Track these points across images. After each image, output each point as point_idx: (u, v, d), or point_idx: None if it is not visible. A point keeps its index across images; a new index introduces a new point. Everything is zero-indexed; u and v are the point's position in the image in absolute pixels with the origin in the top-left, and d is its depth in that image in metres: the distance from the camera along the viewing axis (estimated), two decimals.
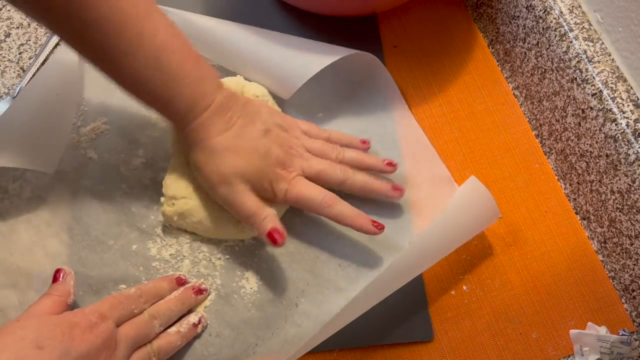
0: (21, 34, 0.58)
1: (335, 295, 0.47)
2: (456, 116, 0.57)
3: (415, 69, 0.60)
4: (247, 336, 0.46)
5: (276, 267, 0.48)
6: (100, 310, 0.40)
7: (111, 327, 0.39)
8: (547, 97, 0.54)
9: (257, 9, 0.61)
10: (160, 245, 0.49)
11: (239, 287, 0.47)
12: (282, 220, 0.46)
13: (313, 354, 0.46)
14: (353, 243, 0.50)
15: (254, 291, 0.47)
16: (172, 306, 0.44)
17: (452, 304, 0.49)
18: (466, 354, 0.47)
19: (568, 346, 0.48)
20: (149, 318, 0.42)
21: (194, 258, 0.48)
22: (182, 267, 0.48)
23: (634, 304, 0.48)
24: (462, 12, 0.64)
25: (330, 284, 0.48)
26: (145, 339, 0.42)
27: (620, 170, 0.47)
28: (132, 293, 0.43)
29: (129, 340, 0.40)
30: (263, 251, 0.49)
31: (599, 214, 0.51)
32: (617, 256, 0.49)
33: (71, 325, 0.37)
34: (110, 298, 0.42)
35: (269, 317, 0.46)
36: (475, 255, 0.51)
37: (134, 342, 0.41)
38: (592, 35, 0.50)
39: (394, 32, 0.61)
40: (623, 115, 0.46)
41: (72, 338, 0.37)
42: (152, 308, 0.43)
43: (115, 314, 0.40)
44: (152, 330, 0.42)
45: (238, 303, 0.47)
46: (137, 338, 0.41)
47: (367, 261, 0.49)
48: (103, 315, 0.39)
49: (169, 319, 0.44)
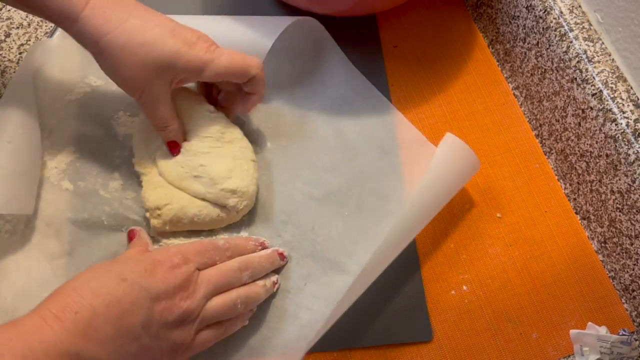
0: (21, 34, 0.58)
1: (339, 274, 0.48)
2: (456, 116, 0.57)
3: (415, 69, 0.60)
4: (261, 330, 0.46)
5: None
6: (185, 253, 0.40)
7: (191, 270, 0.40)
8: (547, 97, 0.54)
9: (257, 9, 0.61)
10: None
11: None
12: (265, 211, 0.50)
13: (313, 353, 0.46)
14: (344, 219, 0.51)
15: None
16: (264, 262, 0.45)
17: (452, 304, 0.49)
18: (466, 354, 0.47)
19: (568, 346, 0.48)
20: (238, 267, 0.43)
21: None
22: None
23: (634, 304, 0.48)
24: (462, 12, 0.64)
25: (332, 264, 0.49)
26: (229, 286, 0.42)
27: (620, 170, 0.47)
28: (220, 244, 0.43)
29: (211, 284, 0.41)
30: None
31: (599, 214, 0.51)
32: (617, 256, 0.49)
33: (154, 263, 0.39)
34: (197, 244, 0.42)
35: (280, 308, 0.47)
36: (475, 255, 0.51)
37: (216, 287, 0.41)
38: (592, 35, 0.50)
39: (394, 32, 0.61)
40: (623, 115, 0.46)
41: (153, 275, 0.38)
42: (242, 259, 0.44)
43: (199, 259, 0.41)
44: (239, 280, 0.43)
45: None
46: (220, 284, 0.41)
47: (362, 234, 0.50)
48: (186, 258, 0.40)
49: (258, 273, 0.45)
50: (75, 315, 0.34)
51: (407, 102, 0.57)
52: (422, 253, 0.50)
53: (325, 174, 0.53)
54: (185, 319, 0.39)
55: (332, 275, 0.48)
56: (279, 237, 0.50)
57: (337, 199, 0.52)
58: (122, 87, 0.44)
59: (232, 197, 0.47)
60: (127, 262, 0.38)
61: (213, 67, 0.44)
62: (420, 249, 0.50)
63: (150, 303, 0.37)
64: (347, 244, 0.50)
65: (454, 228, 0.52)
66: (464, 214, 0.52)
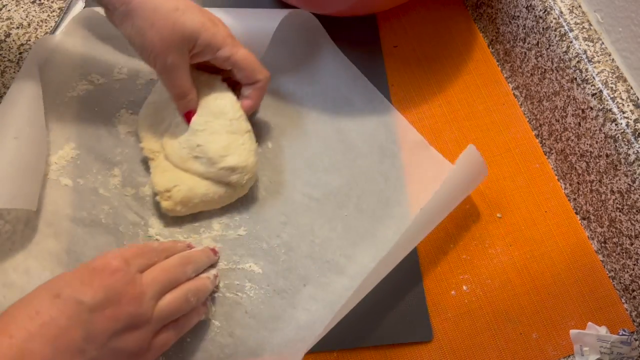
0: (21, 34, 0.58)
1: (337, 275, 0.48)
2: (456, 116, 0.57)
3: (415, 69, 0.60)
4: (259, 331, 0.46)
5: (275, 259, 0.49)
6: (124, 255, 0.39)
7: (132, 272, 0.38)
8: (547, 97, 0.54)
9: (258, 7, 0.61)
10: None
11: (242, 285, 0.48)
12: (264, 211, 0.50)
13: (313, 354, 0.46)
14: (343, 220, 0.51)
15: (258, 287, 0.48)
16: (202, 256, 0.45)
17: (452, 304, 0.49)
18: (466, 354, 0.47)
19: (568, 346, 0.48)
20: (180, 262, 0.42)
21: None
22: None
23: (634, 304, 0.48)
24: (462, 12, 0.64)
25: (330, 265, 0.49)
26: (175, 282, 0.41)
27: (620, 170, 0.47)
28: (155, 246, 0.43)
29: (158, 283, 0.39)
30: (258, 246, 0.49)
31: (599, 214, 0.51)
32: (617, 256, 0.49)
33: (91, 272, 0.37)
34: (135, 246, 0.41)
35: (278, 309, 0.47)
36: (475, 255, 0.51)
37: (163, 286, 0.40)
38: (592, 35, 0.50)
39: (394, 32, 0.61)
40: (623, 115, 0.46)
41: (90, 284, 0.36)
42: (182, 255, 0.43)
43: (138, 261, 0.40)
44: (184, 274, 0.42)
45: (244, 301, 0.47)
46: (166, 281, 0.40)
47: (361, 235, 0.50)
48: (125, 260, 0.38)
49: (200, 267, 0.44)
50: (10, 339, 0.33)
51: (407, 102, 0.57)
52: (422, 253, 0.50)
53: (325, 175, 0.53)
54: (136, 323, 0.37)
55: (331, 277, 0.48)
56: (277, 238, 0.49)
57: (336, 200, 0.52)
58: (145, 52, 0.44)
59: (233, 174, 0.47)
60: (64, 276, 0.37)
61: (229, 50, 0.46)
62: (420, 249, 0.50)
63: (89, 315, 0.35)
64: (346, 246, 0.50)
65: (454, 228, 0.52)
66: (464, 214, 0.52)
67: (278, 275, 0.48)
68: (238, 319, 0.46)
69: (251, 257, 0.49)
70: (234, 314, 0.46)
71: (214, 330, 0.46)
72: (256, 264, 0.48)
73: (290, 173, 0.53)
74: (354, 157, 0.54)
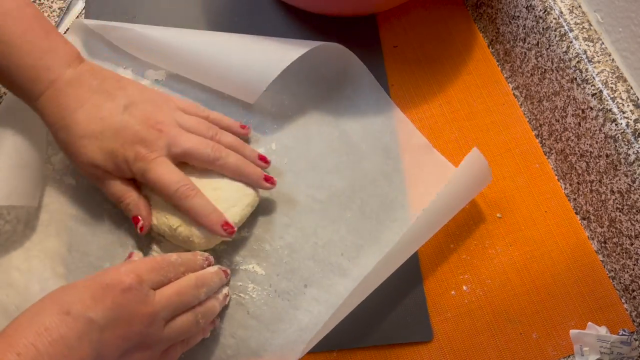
0: None
1: (340, 277, 0.48)
2: (456, 116, 0.57)
3: (415, 69, 0.60)
4: (261, 332, 0.46)
5: (278, 261, 0.49)
6: (137, 271, 0.37)
7: (145, 291, 0.37)
8: (547, 97, 0.54)
9: (256, 9, 0.61)
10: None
11: (244, 286, 0.48)
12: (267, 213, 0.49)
13: (313, 354, 0.46)
14: (347, 222, 0.50)
15: (260, 288, 0.48)
16: (215, 279, 0.43)
17: (452, 304, 0.49)
18: (466, 354, 0.47)
19: (568, 346, 0.48)
20: (195, 284, 0.41)
21: None
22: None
23: (634, 304, 0.48)
24: (462, 12, 0.64)
25: (333, 267, 0.49)
26: (187, 305, 0.40)
27: (620, 170, 0.47)
28: (173, 260, 0.41)
29: (171, 305, 0.38)
30: (261, 247, 0.49)
31: (599, 214, 0.51)
32: (617, 256, 0.49)
33: (103, 288, 0.36)
34: (150, 260, 0.39)
35: (280, 310, 0.47)
36: (475, 255, 0.51)
37: (175, 308, 0.39)
38: (592, 35, 0.50)
39: (394, 32, 0.61)
40: (623, 115, 0.46)
41: (102, 301, 0.35)
42: (198, 275, 0.42)
43: (153, 277, 0.38)
44: (197, 298, 0.41)
45: (247, 302, 0.47)
46: (179, 304, 0.39)
47: (364, 238, 0.50)
48: (139, 277, 0.37)
49: (212, 289, 0.43)
50: (18, 357, 0.31)
51: (407, 102, 0.57)
52: (422, 253, 0.50)
53: (329, 176, 0.52)
54: (147, 343, 0.37)
55: (333, 279, 0.48)
56: (280, 239, 0.49)
57: (340, 202, 0.51)
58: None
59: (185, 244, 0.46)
60: (74, 290, 0.35)
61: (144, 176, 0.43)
62: (421, 249, 0.50)
63: (99, 334, 0.34)
64: (350, 248, 0.49)
65: (454, 228, 0.52)
66: (464, 214, 0.52)
67: (281, 277, 0.48)
68: (240, 320, 0.46)
69: (254, 258, 0.49)
70: (236, 314, 0.46)
71: (217, 330, 0.46)
72: (259, 265, 0.48)
73: (294, 174, 0.52)
74: (358, 158, 0.53)
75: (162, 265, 0.40)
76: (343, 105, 0.56)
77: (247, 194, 0.47)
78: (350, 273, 0.48)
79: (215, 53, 0.53)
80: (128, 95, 0.44)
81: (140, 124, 0.43)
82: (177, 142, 0.44)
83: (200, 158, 0.45)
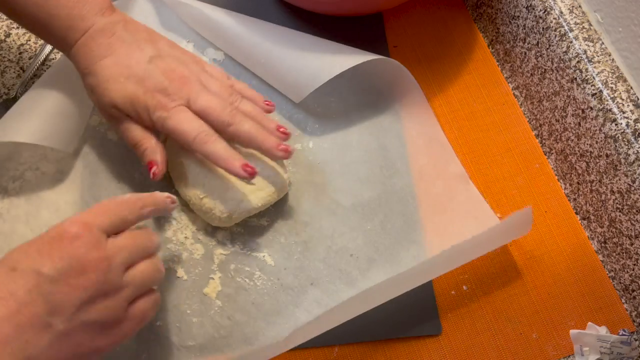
0: (21, 34, 0.58)
1: (347, 286, 0.48)
2: (456, 116, 0.57)
3: (415, 69, 0.59)
4: (257, 320, 0.46)
5: (289, 255, 0.49)
6: (84, 219, 0.35)
7: (96, 235, 0.35)
8: (547, 97, 0.54)
9: (260, 8, 0.61)
10: (175, 228, 0.49)
11: (251, 273, 0.48)
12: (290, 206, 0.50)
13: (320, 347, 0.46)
14: (365, 234, 0.50)
15: (267, 278, 0.48)
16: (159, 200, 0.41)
17: (452, 304, 0.49)
18: (466, 354, 0.47)
19: (568, 346, 0.48)
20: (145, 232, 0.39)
21: (207, 242, 0.49)
22: (196, 250, 0.48)
23: (634, 304, 0.48)
24: (462, 13, 0.64)
25: (341, 274, 0.48)
26: (145, 249, 0.38)
27: (620, 170, 0.47)
28: (127, 198, 0.39)
29: (127, 247, 0.36)
30: (276, 239, 0.49)
31: (599, 214, 0.51)
32: (617, 256, 0.49)
33: (49, 240, 0.34)
34: (98, 205, 0.37)
35: (281, 303, 0.47)
36: None
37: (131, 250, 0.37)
38: (592, 35, 0.50)
39: (394, 32, 0.61)
40: (623, 115, 0.46)
41: (49, 254, 0.33)
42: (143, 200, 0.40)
43: (104, 220, 0.36)
44: (141, 217, 0.39)
45: (251, 288, 0.47)
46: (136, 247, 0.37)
47: (379, 253, 0.49)
48: (86, 224, 0.35)
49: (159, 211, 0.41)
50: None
51: None
52: None
53: (358, 184, 0.52)
54: (105, 290, 0.35)
55: (340, 286, 0.48)
56: (296, 235, 0.49)
57: (363, 212, 0.51)
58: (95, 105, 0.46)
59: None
60: (20, 249, 0.34)
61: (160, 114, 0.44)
62: None
63: (50, 286, 0.33)
64: (362, 259, 0.49)
65: None
66: None
67: (288, 272, 0.48)
68: (240, 304, 0.47)
69: (267, 248, 0.49)
70: (237, 298, 0.47)
71: (214, 309, 0.46)
72: (270, 256, 0.49)
73: (324, 176, 0.52)
74: (391, 174, 0.53)
75: (110, 207, 0.37)
76: (388, 119, 0.55)
77: (276, 182, 0.48)
78: (357, 284, 0.48)
79: (272, 48, 0.53)
80: (157, 48, 0.45)
81: (164, 75, 0.44)
82: (197, 99, 0.44)
83: (216, 119, 0.44)
